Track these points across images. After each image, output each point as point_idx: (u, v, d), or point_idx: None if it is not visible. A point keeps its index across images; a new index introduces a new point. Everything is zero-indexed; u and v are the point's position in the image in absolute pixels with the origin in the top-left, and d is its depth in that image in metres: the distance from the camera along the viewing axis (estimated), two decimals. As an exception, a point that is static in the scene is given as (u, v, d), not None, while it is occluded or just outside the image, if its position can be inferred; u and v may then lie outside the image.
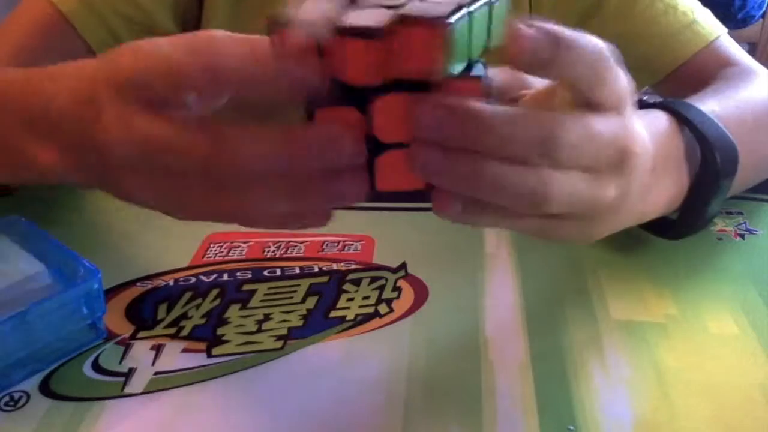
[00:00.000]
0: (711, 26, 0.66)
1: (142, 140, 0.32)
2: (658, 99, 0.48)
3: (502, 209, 0.32)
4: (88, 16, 0.64)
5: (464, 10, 0.29)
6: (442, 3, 0.30)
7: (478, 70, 0.32)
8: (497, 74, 0.36)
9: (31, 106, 0.39)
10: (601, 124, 0.33)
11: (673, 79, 0.66)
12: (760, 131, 0.53)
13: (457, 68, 0.30)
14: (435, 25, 0.28)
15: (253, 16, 0.70)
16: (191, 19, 0.71)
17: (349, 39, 0.29)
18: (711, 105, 0.49)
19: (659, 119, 0.45)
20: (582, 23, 0.69)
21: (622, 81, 0.34)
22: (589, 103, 0.33)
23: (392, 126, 0.31)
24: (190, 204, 0.34)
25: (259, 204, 0.32)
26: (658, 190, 0.42)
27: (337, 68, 0.30)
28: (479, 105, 0.30)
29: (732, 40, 0.67)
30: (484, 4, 0.31)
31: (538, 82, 0.37)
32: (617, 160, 0.34)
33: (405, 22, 0.29)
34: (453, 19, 0.28)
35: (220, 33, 0.32)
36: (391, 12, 0.30)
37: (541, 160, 0.31)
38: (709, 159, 0.45)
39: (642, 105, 0.48)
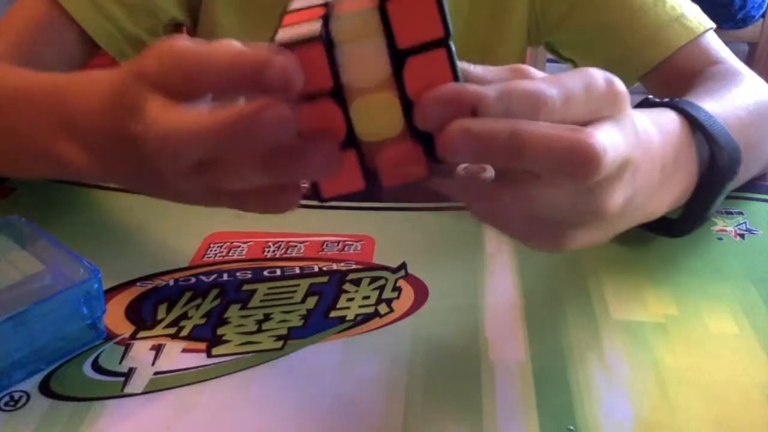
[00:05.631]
0: (699, 20, 0.66)
1: (168, 128, 0.33)
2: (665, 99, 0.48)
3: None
4: (86, 7, 0.64)
5: None
6: None
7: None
8: (500, 73, 0.36)
9: (60, 108, 0.41)
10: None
11: (660, 72, 0.66)
12: (753, 130, 0.54)
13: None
14: None
15: None
16: (195, 1, 0.72)
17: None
18: (710, 105, 0.49)
19: (672, 120, 0.44)
20: (572, 10, 0.69)
21: (598, 89, 0.33)
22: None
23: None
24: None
25: (237, 176, 0.32)
26: (666, 190, 0.42)
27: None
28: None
29: (718, 38, 0.67)
30: None
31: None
32: (618, 169, 0.33)
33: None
34: None
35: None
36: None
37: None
38: (717, 160, 0.45)
39: (649, 103, 0.48)
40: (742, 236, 0.55)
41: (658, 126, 0.41)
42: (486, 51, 0.74)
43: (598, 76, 0.34)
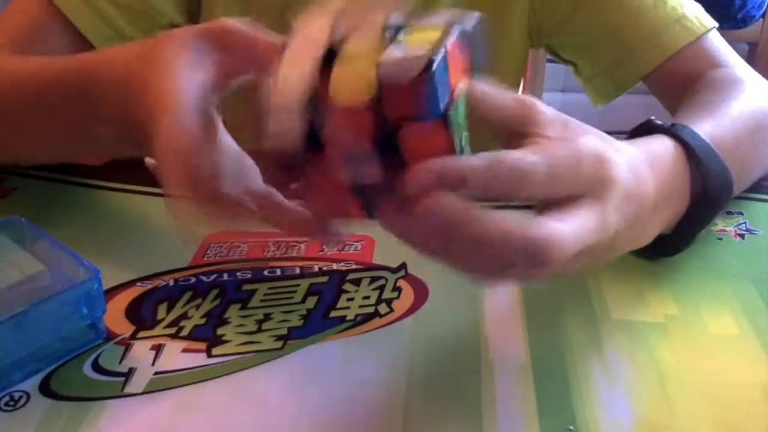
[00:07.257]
0: (700, 21, 0.66)
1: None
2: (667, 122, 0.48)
3: None
4: (81, 8, 0.64)
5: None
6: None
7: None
8: (505, 102, 0.36)
9: (86, 91, 0.44)
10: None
11: (661, 74, 0.66)
12: (751, 146, 0.54)
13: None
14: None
15: None
16: (194, 2, 0.71)
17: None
18: (707, 124, 0.48)
19: (667, 152, 0.44)
20: (572, 12, 0.69)
21: (586, 169, 0.35)
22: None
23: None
24: None
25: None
26: (657, 221, 0.42)
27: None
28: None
29: (721, 39, 0.67)
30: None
31: (549, 126, 0.36)
32: (577, 253, 0.34)
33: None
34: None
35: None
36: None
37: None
38: (709, 191, 0.45)
39: (649, 127, 0.47)
40: (742, 236, 0.55)
41: (652, 165, 0.41)
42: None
43: (589, 155, 0.35)
